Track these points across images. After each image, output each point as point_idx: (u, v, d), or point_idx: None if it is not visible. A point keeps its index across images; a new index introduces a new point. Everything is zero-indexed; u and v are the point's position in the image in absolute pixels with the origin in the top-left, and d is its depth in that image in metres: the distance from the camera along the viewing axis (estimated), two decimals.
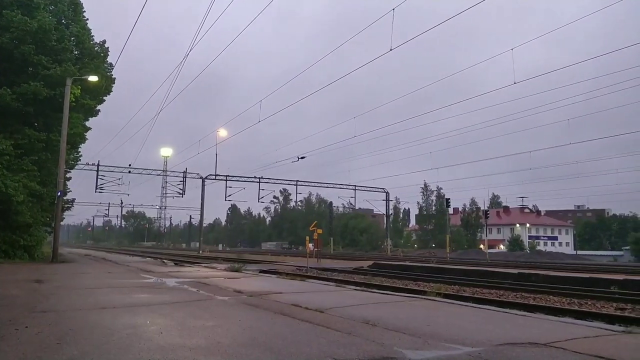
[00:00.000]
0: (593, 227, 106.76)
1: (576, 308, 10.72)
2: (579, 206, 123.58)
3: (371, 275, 20.22)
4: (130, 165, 53.17)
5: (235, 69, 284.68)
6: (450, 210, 69.61)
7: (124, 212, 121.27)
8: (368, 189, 66.03)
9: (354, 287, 11.56)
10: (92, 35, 23.76)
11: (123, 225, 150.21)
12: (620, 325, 6.89)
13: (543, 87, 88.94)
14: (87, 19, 23.68)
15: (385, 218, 73.54)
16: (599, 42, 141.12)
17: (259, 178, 57.33)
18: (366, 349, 4.22)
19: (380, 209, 69.60)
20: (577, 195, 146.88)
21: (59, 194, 20.90)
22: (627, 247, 74.86)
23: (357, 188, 63.96)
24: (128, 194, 68.23)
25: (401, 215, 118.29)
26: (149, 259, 29.18)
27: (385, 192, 67.61)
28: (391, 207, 78.06)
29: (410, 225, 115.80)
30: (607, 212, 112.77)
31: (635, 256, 67.84)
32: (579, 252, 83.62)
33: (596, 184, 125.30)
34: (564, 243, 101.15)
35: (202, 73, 24.92)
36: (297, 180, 60.36)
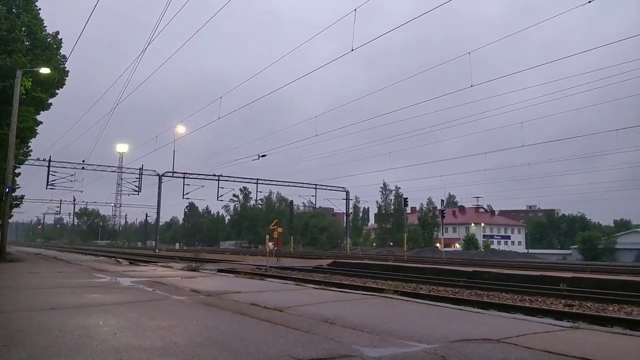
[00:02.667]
0: (543, 226, 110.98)
1: (527, 305, 11.10)
2: (530, 206, 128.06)
3: (330, 273, 20.34)
4: (83, 161, 51.48)
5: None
6: (408, 210, 70.84)
7: (76, 210, 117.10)
8: (328, 187, 66.35)
9: (313, 286, 11.58)
10: (45, 26, 22.83)
11: (75, 223, 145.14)
12: (568, 321, 7.15)
13: (500, 90, 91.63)
14: (40, 9, 22.76)
15: (345, 217, 74.07)
16: (555, 47, 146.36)
17: (218, 176, 56.67)
18: (325, 347, 4.23)
19: (340, 207, 70.11)
20: (529, 195, 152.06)
21: (7, 190, 20.01)
22: (575, 246, 78.17)
23: (317, 187, 64.15)
24: (81, 191, 65.79)
25: (361, 214, 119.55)
26: (103, 257, 28.33)
27: (345, 191, 68.12)
28: (351, 206, 78.74)
29: (370, 224, 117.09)
30: (557, 212, 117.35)
31: (583, 255, 70.89)
32: (530, 251, 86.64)
33: (547, 185, 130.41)
34: (516, 242, 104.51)
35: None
36: (257, 179, 59.99)
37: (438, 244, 74.87)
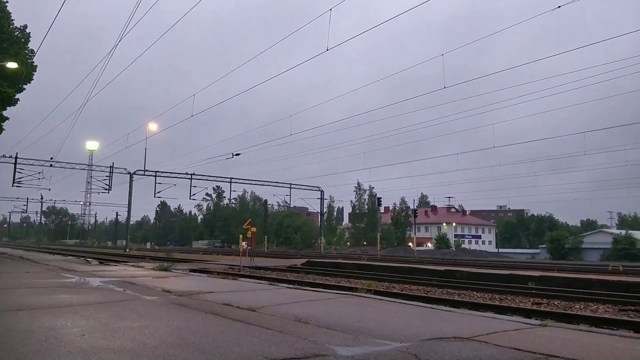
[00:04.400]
0: (513, 226, 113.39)
1: (497, 303, 11.31)
2: (501, 206, 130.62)
3: (304, 273, 20.32)
4: (52, 158, 50.30)
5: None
6: (382, 209, 71.28)
7: (44, 208, 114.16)
8: (303, 187, 66.28)
9: (287, 285, 11.56)
10: (12, 19, 22.22)
11: (43, 222, 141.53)
12: (536, 319, 7.32)
13: (471, 92, 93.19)
14: (7, 2, 22.12)
15: (319, 216, 74.13)
16: (524, 51, 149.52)
17: (191, 174, 55.99)
18: (298, 346, 4.23)
19: (314, 207, 70.10)
20: (499, 196, 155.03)
21: None
22: (544, 246, 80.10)
23: (292, 186, 64.00)
24: (49, 189, 64.36)
25: (335, 214, 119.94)
26: (71, 257, 27.67)
27: (320, 190, 68.14)
28: (325, 205, 78.87)
29: (344, 224, 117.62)
30: (526, 213, 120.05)
31: (551, 254, 72.70)
32: (501, 250, 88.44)
33: (517, 185, 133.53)
34: (487, 241, 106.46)
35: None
36: (231, 178, 59.48)
37: (410, 243, 75.71)
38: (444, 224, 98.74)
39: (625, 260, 53.17)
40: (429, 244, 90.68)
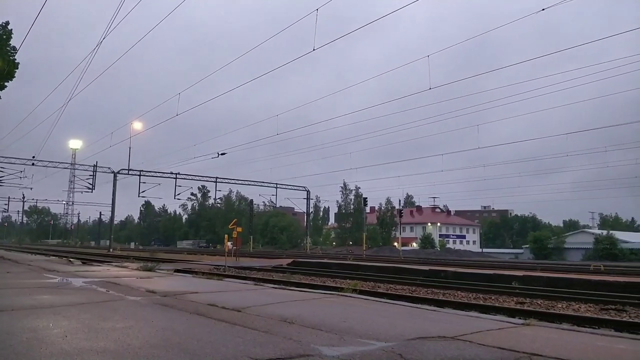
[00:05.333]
0: (497, 226, 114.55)
1: (481, 303, 11.42)
2: (485, 207, 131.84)
3: (290, 273, 20.31)
4: (34, 157, 49.66)
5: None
6: (367, 209, 71.59)
7: (25, 207, 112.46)
8: (289, 187, 66.16)
9: (272, 286, 11.53)
10: None
11: (25, 222, 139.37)
12: (520, 318, 7.40)
13: (455, 93, 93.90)
14: None
15: (305, 216, 74.08)
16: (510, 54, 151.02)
17: (176, 174, 55.58)
18: (283, 347, 4.22)
19: (301, 207, 70.06)
20: (483, 196, 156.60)
21: None
22: (527, 246, 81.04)
23: (278, 186, 63.87)
24: (31, 188, 63.59)
25: (321, 214, 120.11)
26: (54, 257, 27.30)
27: (306, 190, 68.11)
28: (311, 205, 78.92)
29: (330, 224, 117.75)
30: (510, 213, 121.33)
31: (534, 254, 73.57)
32: (485, 250, 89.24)
33: (501, 186, 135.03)
34: (471, 241, 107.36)
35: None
36: (216, 177, 59.19)
37: (396, 243, 76.03)
38: (429, 224, 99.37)
39: (607, 260, 54.01)
40: (414, 244, 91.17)
